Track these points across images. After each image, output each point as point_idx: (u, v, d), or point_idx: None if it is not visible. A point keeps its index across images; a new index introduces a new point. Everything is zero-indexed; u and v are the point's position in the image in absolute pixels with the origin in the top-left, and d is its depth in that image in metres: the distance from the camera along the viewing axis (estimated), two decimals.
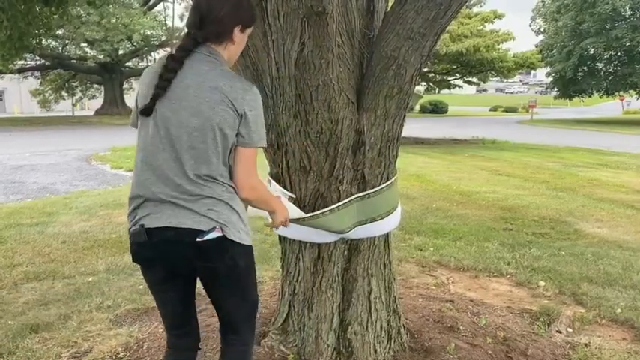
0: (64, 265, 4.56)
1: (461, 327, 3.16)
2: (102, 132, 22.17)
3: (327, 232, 2.56)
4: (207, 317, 3.37)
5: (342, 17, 2.31)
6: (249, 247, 1.95)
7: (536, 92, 77.73)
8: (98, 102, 39.54)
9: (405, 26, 2.31)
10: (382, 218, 2.61)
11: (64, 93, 38.20)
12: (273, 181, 2.71)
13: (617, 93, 34.79)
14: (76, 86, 38.85)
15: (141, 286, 4.04)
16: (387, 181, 2.62)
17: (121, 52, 31.17)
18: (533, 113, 33.84)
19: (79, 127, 25.24)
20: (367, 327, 2.72)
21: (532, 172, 10.28)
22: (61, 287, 4.07)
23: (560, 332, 3.44)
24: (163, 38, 32.71)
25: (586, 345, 3.23)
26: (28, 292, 4.00)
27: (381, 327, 2.76)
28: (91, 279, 4.23)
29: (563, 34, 31.83)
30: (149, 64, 36.96)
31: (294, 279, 2.73)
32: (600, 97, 35.77)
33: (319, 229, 2.53)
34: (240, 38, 1.93)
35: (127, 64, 35.27)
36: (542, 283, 4.30)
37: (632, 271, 4.57)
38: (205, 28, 1.85)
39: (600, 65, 33.24)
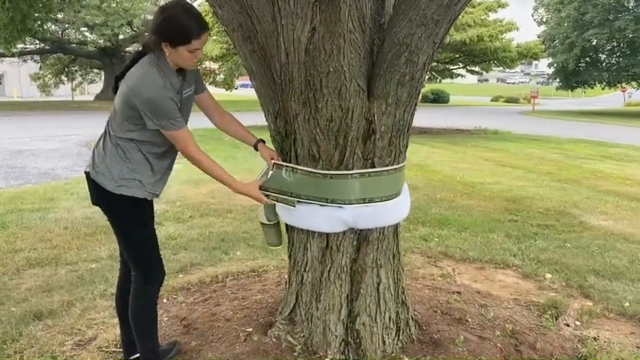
0: (66, 252, 4.52)
1: (469, 319, 3.13)
2: (102, 117, 21.55)
3: (336, 221, 2.51)
4: (212, 306, 3.34)
5: (353, 2, 2.24)
6: (114, 195, 2.36)
7: (537, 83, 77.36)
8: (98, 87, 39.33)
9: (418, 12, 2.25)
10: (382, 200, 2.54)
11: (63, 77, 37.96)
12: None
13: (619, 84, 34.60)
14: (76, 71, 38.60)
15: None
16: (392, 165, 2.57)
17: (121, 36, 30.90)
18: (535, 104, 33.69)
19: (78, 112, 25.12)
20: (376, 318, 2.68)
21: (535, 164, 10.23)
22: (63, 274, 4.03)
23: (568, 326, 3.40)
24: None
25: (595, 339, 3.19)
26: (31, 278, 3.97)
27: (390, 318, 2.72)
28: (93, 266, 4.20)
29: (565, 24, 31.59)
30: None
31: (302, 269, 2.69)
32: (602, 89, 35.58)
33: (326, 211, 2.49)
34: (171, 51, 2.27)
35: (127, 49, 34.97)
36: (548, 275, 4.26)
37: (639, 264, 4.53)
38: (149, 36, 2.32)
39: (603, 56, 33.05)
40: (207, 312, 3.23)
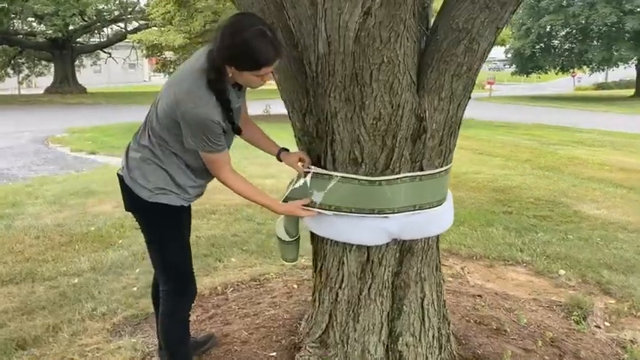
0: (42, 265, 4.06)
1: (507, 329, 2.90)
2: (55, 112, 21.01)
3: (380, 233, 2.22)
4: (221, 325, 3.01)
5: None
6: (148, 203, 2.14)
7: (489, 69, 78.55)
8: (46, 80, 37.58)
9: None
10: (432, 207, 2.28)
11: (9, 70, 36.09)
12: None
13: (571, 70, 35.35)
14: (23, 63, 36.77)
15: (135, 288, 3.63)
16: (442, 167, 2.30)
17: (71, 27, 29.49)
18: (491, 90, 34.05)
19: (28, 107, 23.83)
20: (420, 337, 2.40)
21: (512, 151, 10.17)
22: (43, 292, 3.60)
23: (599, 327, 3.23)
24: (116, 13, 31.20)
25: (632, 342, 3.03)
26: (5, 298, 3.52)
27: (433, 336, 2.45)
28: (76, 281, 3.77)
29: (521, 11, 31.95)
30: (101, 40, 35.43)
31: (337, 285, 2.38)
32: (556, 74, 36.32)
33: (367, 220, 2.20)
34: (235, 73, 1.98)
35: (77, 40, 33.51)
36: (562, 271, 4.09)
37: None
38: (212, 49, 1.98)
39: (556, 42, 33.65)
40: (218, 332, 2.89)
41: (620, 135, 13.17)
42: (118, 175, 2.24)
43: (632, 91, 32.61)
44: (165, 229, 2.23)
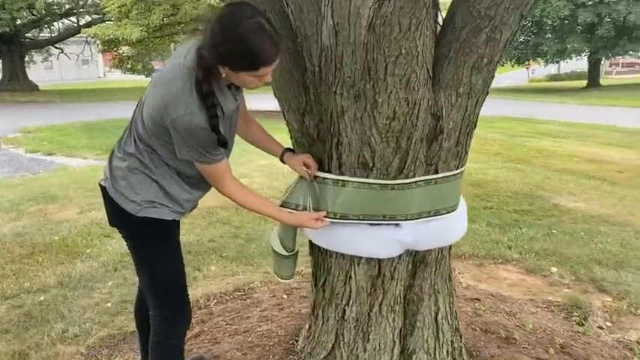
0: (1, 281, 3.70)
1: (516, 337, 2.74)
2: (5, 111, 19.99)
3: (393, 244, 2.02)
4: (210, 345, 2.76)
5: None
6: (136, 217, 1.90)
7: None
8: None
9: None
10: (447, 212, 2.10)
11: None
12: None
13: (526, 62, 36.06)
14: None
15: (109, 304, 3.33)
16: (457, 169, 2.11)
17: (18, 21, 28.17)
18: None
19: None
20: (434, 354, 2.22)
21: (481, 144, 10.12)
22: (5, 312, 3.26)
23: (602, 329, 3.13)
24: (67, 6, 30.02)
25: (639, 343, 2.93)
26: None
27: (447, 351, 2.27)
28: (42, 298, 3.44)
29: None
30: (53, 35, 34.05)
31: (344, 302, 2.17)
32: (512, 66, 36.96)
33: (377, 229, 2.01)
34: (230, 73, 1.71)
35: (27, 35, 32.08)
36: (554, 269, 3.99)
37: (631, 249, 4.40)
38: (201, 46, 1.72)
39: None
40: (207, 353, 2.64)
41: (582, 126, 13.35)
42: (100, 185, 1.99)
43: (584, 83, 33.42)
44: (155, 243, 1.99)
